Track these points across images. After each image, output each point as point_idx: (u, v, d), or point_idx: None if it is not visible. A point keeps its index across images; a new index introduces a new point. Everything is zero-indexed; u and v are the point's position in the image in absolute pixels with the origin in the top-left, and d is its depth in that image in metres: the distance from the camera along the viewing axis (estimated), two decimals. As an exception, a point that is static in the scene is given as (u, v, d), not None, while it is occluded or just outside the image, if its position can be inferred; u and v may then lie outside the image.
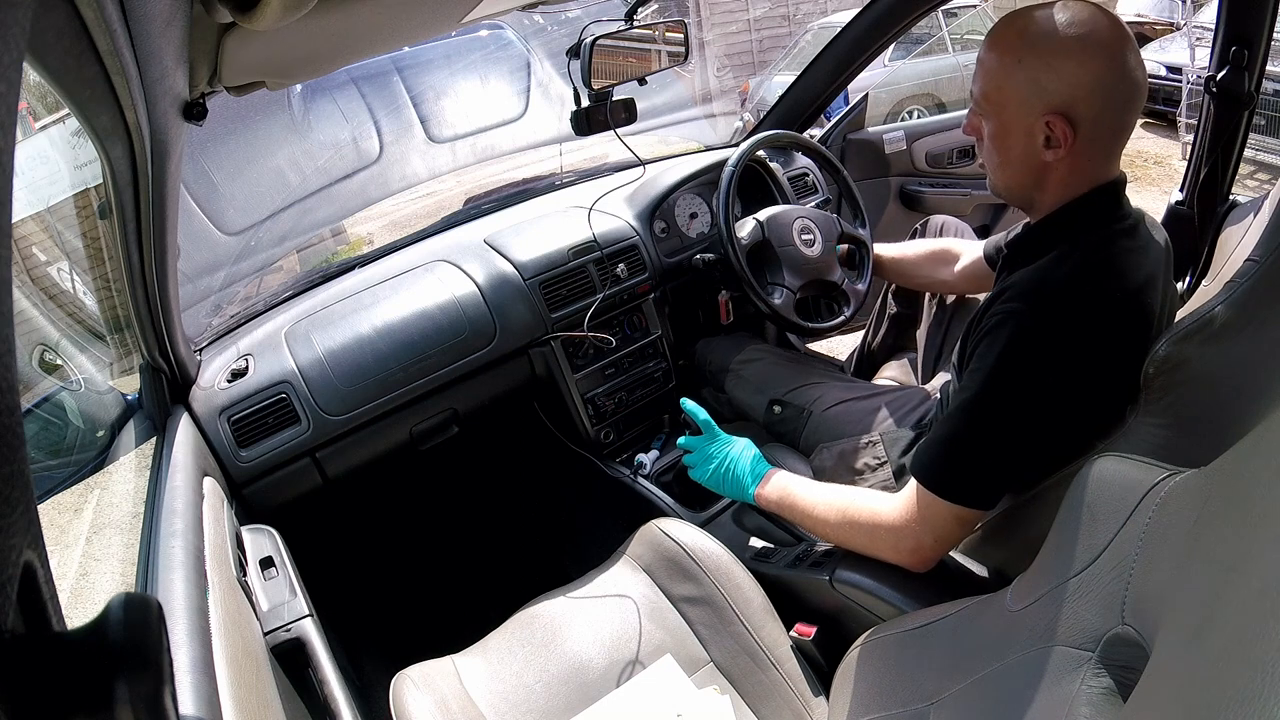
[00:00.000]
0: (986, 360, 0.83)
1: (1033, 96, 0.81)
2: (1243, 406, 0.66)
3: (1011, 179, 0.88)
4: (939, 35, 5.82)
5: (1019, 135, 0.84)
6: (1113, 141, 0.83)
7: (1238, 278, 0.66)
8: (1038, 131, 0.82)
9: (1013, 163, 0.87)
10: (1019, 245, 0.93)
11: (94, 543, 0.91)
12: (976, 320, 0.89)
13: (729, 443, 1.13)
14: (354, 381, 1.29)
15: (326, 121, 2.91)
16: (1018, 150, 0.85)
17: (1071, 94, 0.79)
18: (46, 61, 0.49)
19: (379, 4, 0.70)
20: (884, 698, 0.74)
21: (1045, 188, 0.86)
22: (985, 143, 0.89)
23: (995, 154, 0.88)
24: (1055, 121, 0.80)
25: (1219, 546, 0.42)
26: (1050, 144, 0.82)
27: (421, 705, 0.93)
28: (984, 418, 0.83)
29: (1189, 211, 1.44)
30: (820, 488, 1.01)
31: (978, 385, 0.83)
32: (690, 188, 1.71)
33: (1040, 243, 0.88)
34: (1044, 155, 0.83)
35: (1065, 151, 0.82)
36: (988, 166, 0.91)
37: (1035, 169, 0.85)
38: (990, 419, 0.83)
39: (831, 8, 7.66)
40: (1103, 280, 0.81)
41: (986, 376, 0.82)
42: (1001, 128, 0.85)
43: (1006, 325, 0.82)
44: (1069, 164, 0.83)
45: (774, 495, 1.04)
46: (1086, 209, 0.85)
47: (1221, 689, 0.33)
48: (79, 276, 1.34)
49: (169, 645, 0.25)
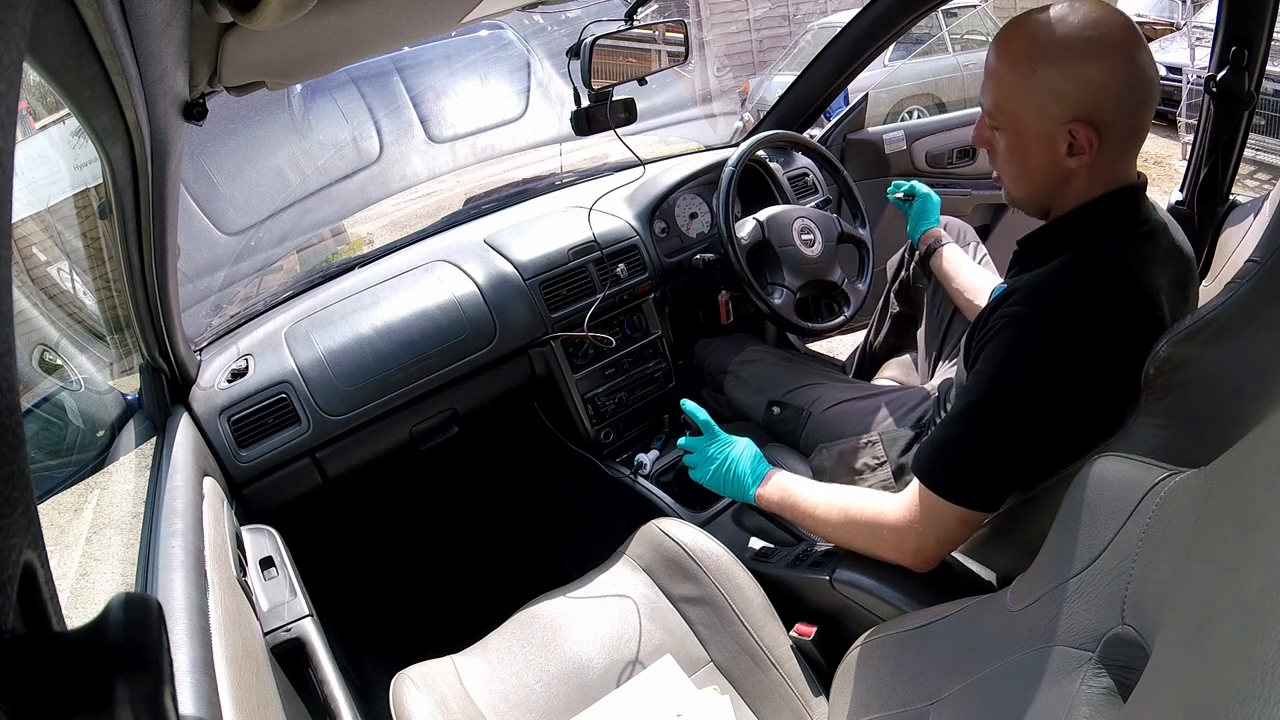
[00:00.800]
0: (992, 363, 0.82)
1: (1052, 106, 0.79)
2: (1243, 407, 0.65)
3: (1033, 189, 0.86)
4: (939, 35, 5.82)
5: (1039, 146, 0.82)
6: (1131, 142, 0.82)
7: (1238, 278, 0.65)
8: (1060, 140, 0.80)
9: (1033, 173, 0.85)
10: (1030, 246, 0.91)
11: (94, 543, 0.91)
12: (983, 320, 0.88)
13: (729, 443, 1.13)
14: (354, 381, 1.29)
15: (326, 121, 2.91)
16: (1039, 161, 0.83)
17: (1092, 99, 0.77)
18: (46, 61, 0.49)
19: (379, 4, 0.70)
20: (884, 698, 0.74)
21: (1066, 194, 0.85)
22: (1001, 155, 0.87)
23: (1014, 165, 0.86)
24: (1078, 129, 0.78)
25: (1219, 546, 0.42)
26: (1073, 151, 0.80)
27: (421, 705, 0.93)
28: (988, 420, 0.83)
29: (1189, 211, 1.44)
30: (821, 488, 1.01)
31: (983, 387, 0.83)
32: (690, 188, 1.71)
33: (1052, 244, 0.87)
34: (1067, 163, 0.81)
35: (1090, 157, 0.80)
36: (1005, 178, 0.89)
37: (1057, 177, 0.83)
38: (995, 422, 0.82)
39: (831, 8, 7.66)
40: (1115, 287, 0.80)
41: (992, 379, 0.82)
42: (1020, 140, 0.83)
43: (1013, 328, 0.81)
44: (1092, 169, 0.81)
45: (775, 496, 1.04)
46: (1102, 212, 0.84)
47: (1221, 689, 0.33)
48: (79, 276, 1.34)
49: (169, 645, 0.25)
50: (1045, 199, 0.87)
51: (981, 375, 0.83)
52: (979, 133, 0.89)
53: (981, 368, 0.84)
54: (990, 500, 0.84)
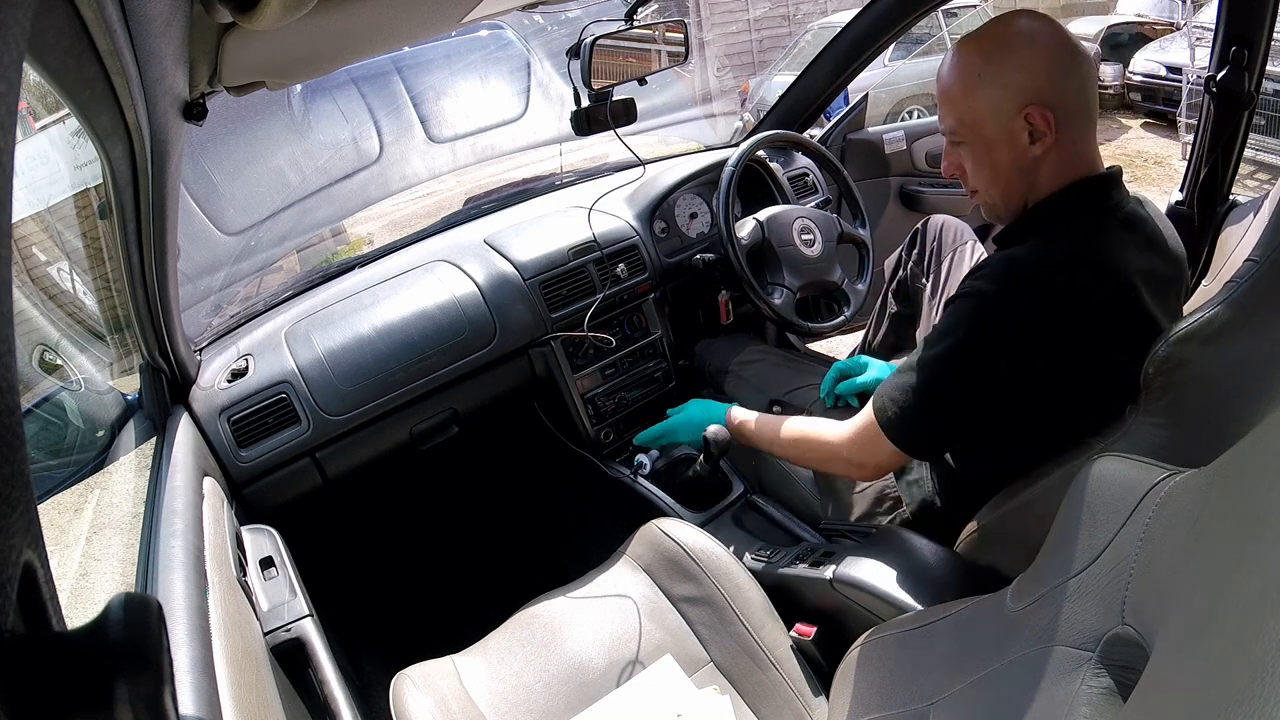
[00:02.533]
0: (942, 325, 0.87)
1: (1003, 100, 0.83)
2: (1243, 406, 0.65)
3: (1007, 187, 0.89)
4: (939, 35, 5.82)
5: (1002, 142, 0.86)
6: (1087, 120, 0.86)
7: (1237, 278, 0.66)
8: (1019, 130, 0.84)
9: (1002, 171, 0.88)
10: (1003, 237, 0.95)
11: (94, 543, 0.91)
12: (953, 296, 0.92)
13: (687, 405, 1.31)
14: (354, 381, 1.29)
15: (326, 121, 2.90)
16: (1004, 157, 0.87)
17: (1037, 83, 0.82)
18: (46, 61, 0.49)
19: (379, 4, 0.70)
20: (884, 698, 0.74)
21: (1038, 185, 0.88)
22: (970, 170, 0.91)
23: (983, 171, 0.90)
24: (1033, 112, 0.82)
25: (1219, 546, 0.42)
26: (1034, 137, 0.84)
27: (421, 705, 0.93)
28: (926, 373, 0.88)
29: (1189, 211, 1.44)
30: (779, 418, 1.14)
31: (931, 347, 0.88)
32: (690, 188, 1.71)
33: (1023, 230, 0.90)
34: (1032, 151, 0.85)
35: (1053, 138, 0.83)
36: (980, 190, 0.92)
37: (1026, 168, 0.86)
38: (931, 375, 0.88)
39: (831, 8, 7.66)
40: (1076, 265, 0.82)
41: (938, 337, 0.87)
42: (983, 144, 0.87)
43: (968, 298, 0.86)
44: (1057, 152, 0.85)
45: (739, 418, 1.20)
46: (1072, 198, 0.86)
47: (1221, 689, 0.33)
48: (79, 276, 1.34)
49: (169, 645, 0.25)
50: (1021, 195, 0.90)
51: (932, 333, 0.89)
52: (947, 161, 0.94)
53: (936, 326, 0.89)
54: (922, 449, 0.95)
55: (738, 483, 1.41)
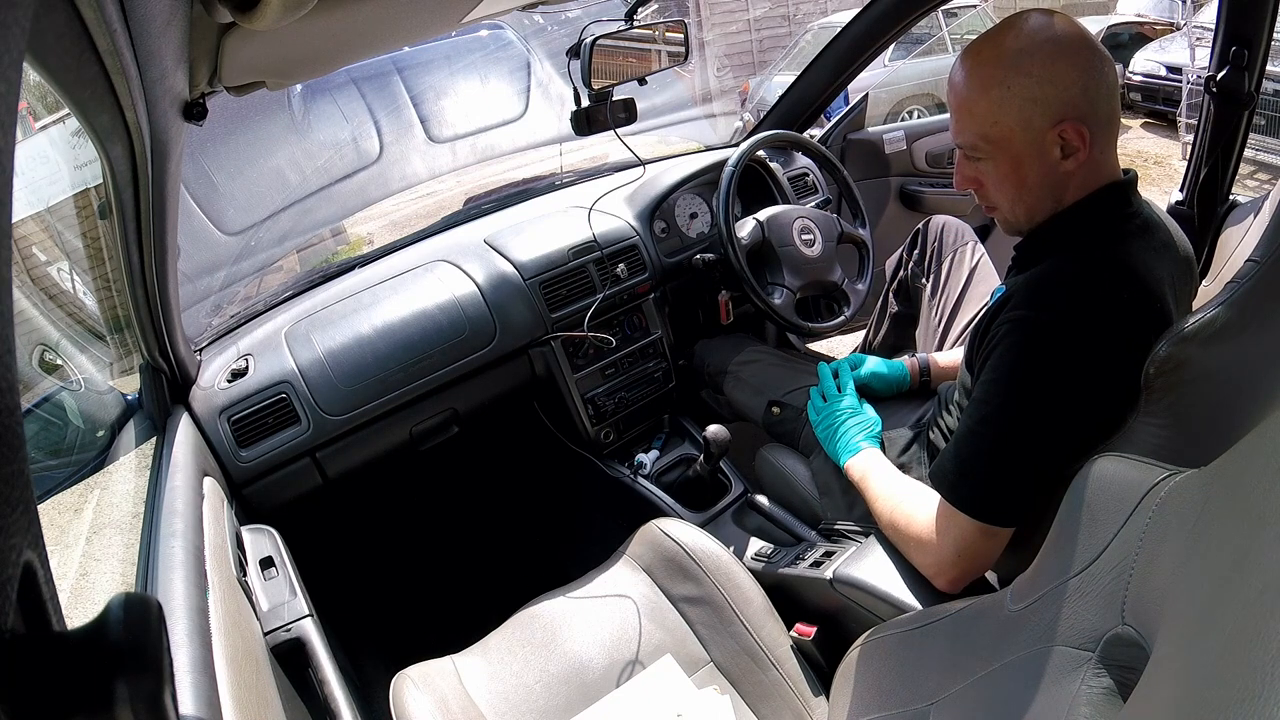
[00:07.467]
0: (1000, 370, 0.81)
1: (1035, 114, 0.78)
2: (1243, 406, 0.65)
3: (1033, 203, 0.85)
4: (939, 35, 5.83)
5: (1031, 158, 0.81)
6: (1113, 131, 0.82)
7: (1238, 278, 0.65)
8: (1051, 146, 0.79)
9: (1031, 188, 0.84)
10: (1026, 248, 0.91)
11: (94, 543, 0.91)
12: (984, 327, 0.87)
13: (852, 410, 1.16)
14: (354, 381, 1.29)
15: (326, 121, 2.91)
16: (1035, 174, 0.82)
17: (1071, 94, 0.77)
18: (46, 61, 0.49)
19: (379, 4, 0.70)
20: (884, 698, 0.74)
21: (1064, 198, 0.84)
22: (991, 184, 0.86)
23: (1008, 188, 0.85)
24: (1068, 129, 0.78)
25: (1219, 546, 0.42)
26: (1066, 153, 0.80)
27: (421, 705, 0.93)
28: (1006, 430, 0.81)
29: (1189, 211, 1.44)
30: (895, 481, 1.00)
31: (997, 398, 0.82)
32: (690, 188, 1.71)
33: (1046, 245, 0.87)
34: (1063, 166, 0.81)
35: (1086, 154, 0.80)
36: (1001, 205, 0.87)
37: (1055, 184, 0.83)
38: (1012, 430, 0.81)
39: (831, 8, 7.67)
40: (1109, 278, 0.80)
41: (1004, 388, 0.81)
42: (1010, 160, 0.82)
43: (1016, 332, 0.80)
44: (1085, 166, 0.81)
45: (855, 474, 1.07)
46: (1093, 208, 0.83)
47: (1221, 689, 0.33)
48: (79, 276, 1.33)
49: (169, 645, 0.25)
50: (1045, 210, 0.86)
51: (991, 385, 0.82)
52: (960, 174, 0.88)
53: (990, 376, 0.83)
54: (1013, 513, 0.82)
55: (738, 483, 1.41)
